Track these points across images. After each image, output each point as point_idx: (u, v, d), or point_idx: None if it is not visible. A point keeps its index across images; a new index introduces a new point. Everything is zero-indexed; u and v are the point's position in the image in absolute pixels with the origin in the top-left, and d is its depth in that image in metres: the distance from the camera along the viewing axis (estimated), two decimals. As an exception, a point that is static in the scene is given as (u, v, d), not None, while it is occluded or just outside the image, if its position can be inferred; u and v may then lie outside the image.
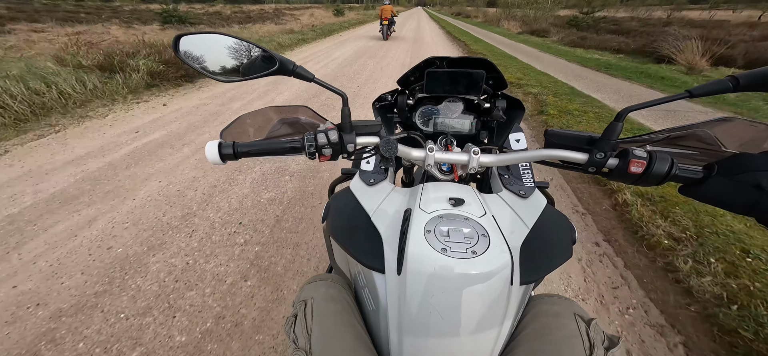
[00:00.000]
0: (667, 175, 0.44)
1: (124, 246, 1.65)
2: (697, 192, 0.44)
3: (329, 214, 0.59)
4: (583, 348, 0.41)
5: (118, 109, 3.66)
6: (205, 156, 0.54)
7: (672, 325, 1.29)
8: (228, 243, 1.68)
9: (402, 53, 8.07)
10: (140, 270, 1.51)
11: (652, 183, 0.45)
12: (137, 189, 2.14)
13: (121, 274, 1.48)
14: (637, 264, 1.58)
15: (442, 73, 0.66)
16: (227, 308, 1.33)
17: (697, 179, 0.43)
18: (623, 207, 1.93)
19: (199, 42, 0.51)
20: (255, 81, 2.11)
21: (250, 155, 0.53)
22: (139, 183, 2.21)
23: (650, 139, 0.51)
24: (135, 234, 1.73)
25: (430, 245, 0.43)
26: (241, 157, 0.53)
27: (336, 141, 0.52)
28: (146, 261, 1.55)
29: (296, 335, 0.46)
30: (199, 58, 0.51)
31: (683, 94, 0.40)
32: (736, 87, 0.39)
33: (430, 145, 0.59)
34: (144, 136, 2.96)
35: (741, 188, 0.39)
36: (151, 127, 3.16)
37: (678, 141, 0.50)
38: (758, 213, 0.39)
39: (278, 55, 0.50)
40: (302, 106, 0.62)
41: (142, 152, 2.64)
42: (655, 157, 0.44)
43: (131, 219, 1.85)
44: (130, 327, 1.26)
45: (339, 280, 0.55)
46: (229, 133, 0.57)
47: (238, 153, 0.52)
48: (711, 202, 0.43)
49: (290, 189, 2.14)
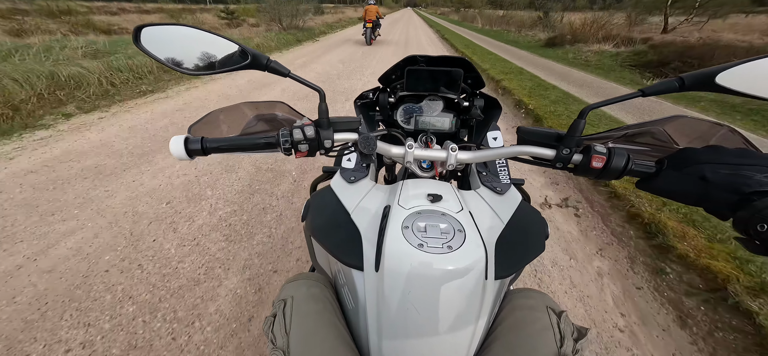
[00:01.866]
0: (624, 170, 0.47)
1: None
2: (652, 185, 0.47)
3: (309, 213, 0.59)
4: (554, 341, 0.43)
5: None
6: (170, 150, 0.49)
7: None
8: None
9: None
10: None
11: (611, 178, 0.48)
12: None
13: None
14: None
15: (422, 71, 0.68)
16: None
17: (651, 173, 0.46)
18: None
19: (162, 34, 0.49)
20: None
21: (221, 151, 0.52)
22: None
23: (610, 136, 0.55)
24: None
25: (408, 241, 0.43)
26: (210, 153, 0.52)
27: (312, 137, 0.51)
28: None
29: (274, 335, 0.45)
30: (163, 51, 0.49)
31: (637, 93, 0.44)
32: (682, 86, 0.42)
33: (410, 142, 0.60)
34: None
35: (689, 180, 0.42)
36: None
37: (635, 138, 0.54)
38: (705, 203, 0.42)
39: (250, 48, 0.49)
40: (279, 102, 0.61)
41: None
42: (613, 153, 0.47)
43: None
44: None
45: (321, 279, 0.55)
46: (198, 128, 0.55)
47: (206, 148, 0.51)
48: (664, 195, 0.46)
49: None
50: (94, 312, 1.26)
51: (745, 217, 0.37)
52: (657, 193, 0.47)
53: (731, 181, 0.39)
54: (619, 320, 1.31)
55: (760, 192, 0.37)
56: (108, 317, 1.24)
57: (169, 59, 0.49)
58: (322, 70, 5.94)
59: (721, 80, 0.41)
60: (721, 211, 0.41)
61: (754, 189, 0.37)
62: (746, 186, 0.38)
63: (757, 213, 0.36)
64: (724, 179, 0.39)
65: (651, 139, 0.53)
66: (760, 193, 0.37)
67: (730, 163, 0.40)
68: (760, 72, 0.40)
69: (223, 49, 0.50)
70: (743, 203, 0.38)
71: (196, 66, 0.50)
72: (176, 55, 0.49)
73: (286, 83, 4.50)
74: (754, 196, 0.37)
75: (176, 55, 0.49)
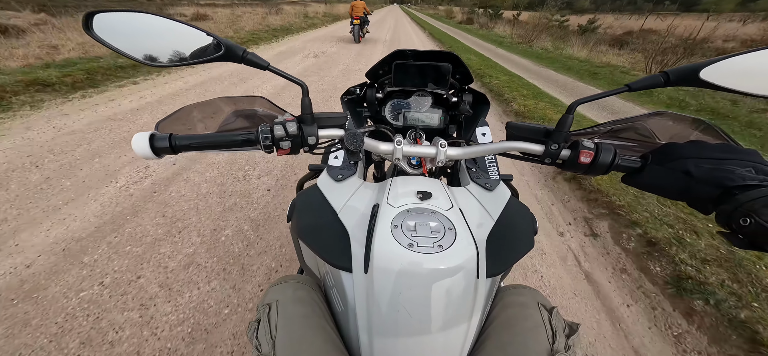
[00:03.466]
0: (611, 165, 0.47)
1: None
2: (637, 180, 0.47)
3: (294, 213, 0.57)
4: (546, 337, 0.43)
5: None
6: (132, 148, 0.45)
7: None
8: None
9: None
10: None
11: (599, 173, 0.49)
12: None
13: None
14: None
15: (409, 65, 0.67)
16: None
17: (636, 168, 0.47)
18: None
19: (119, 21, 0.44)
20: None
21: (193, 149, 0.49)
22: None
23: (596, 131, 0.55)
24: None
25: (397, 241, 0.42)
26: (181, 151, 0.48)
27: (295, 133, 0.49)
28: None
29: (259, 341, 0.43)
30: (123, 40, 0.44)
31: (623, 88, 0.44)
32: (667, 82, 0.43)
33: (399, 139, 0.58)
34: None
35: (672, 175, 0.43)
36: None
37: (619, 133, 0.54)
38: (689, 198, 0.43)
39: (224, 39, 0.46)
40: (259, 97, 0.58)
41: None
42: (600, 148, 0.47)
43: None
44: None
45: (308, 281, 0.53)
46: (167, 125, 0.52)
47: (176, 146, 0.48)
48: (649, 190, 0.47)
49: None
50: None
51: (727, 211, 0.38)
52: (642, 188, 0.47)
53: (714, 176, 0.39)
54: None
55: (742, 186, 0.38)
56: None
57: (131, 49, 0.45)
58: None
59: (705, 75, 0.41)
60: (703, 205, 0.42)
61: (736, 184, 0.38)
62: (729, 181, 0.38)
63: (740, 207, 0.36)
64: (706, 174, 0.40)
65: (635, 135, 0.53)
66: (742, 187, 0.38)
67: (713, 158, 0.41)
68: (742, 67, 0.41)
69: (194, 39, 0.46)
70: (725, 197, 0.39)
71: (163, 57, 0.46)
72: (139, 45, 0.45)
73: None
74: (736, 190, 0.38)
75: (139, 46, 0.45)
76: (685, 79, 0.43)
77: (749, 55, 0.41)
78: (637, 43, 10.17)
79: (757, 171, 0.38)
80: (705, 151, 0.42)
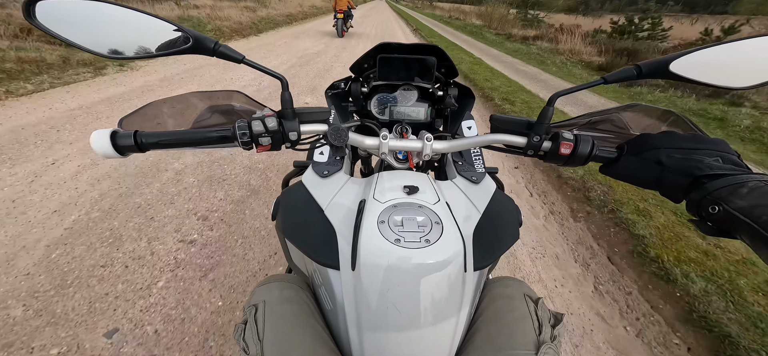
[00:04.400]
0: (589, 156, 0.49)
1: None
2: (613, 170, 0.49)
3: (279, 211, 0.56)
4: (533, 328, 0.44)
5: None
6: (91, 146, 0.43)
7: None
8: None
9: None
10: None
11: (578, 164, 0.50)
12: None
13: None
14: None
15: (394, 59, 0.66)
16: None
17: (613, 158, 0.48)
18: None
19: (67, 9, 0.39)
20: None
21: (163, 146, 0.46)
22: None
23: (575, 123, 0.57)
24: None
25: (384, 236, 0.42)
26: (148, 149, 0.46)
27: (275, 129, 0.48)
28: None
29: (246, 343, 0.42)
30: (73, 31, 0.39)
31: (599, 80, 0.45)
32: (640, 74, 0.44)
33: (384, 133, 0.58)
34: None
35: (646, 165, 0.44)
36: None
37: (597, 125, 0.56)
38: (661, 187, 0.44)
39: (193, 31, 0.43)
40: (236, 92, 0.56)
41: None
42: (579, 140, 0.48)
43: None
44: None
45: (296, 280, 0.52)
46: (132, 121, 0.49)
47: (143, 144, 0.45)
48: (625, 179, 0.48)
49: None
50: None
51: (696, 199, 0.39)
52: (618, 178, 0.49)
53: (684, 165, 0.41)
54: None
55: (710, 175, 0.39)
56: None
57: (86, 40, 0.40)
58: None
59: (675, 68, 0.43)
60: (674, 194, 0.43)
61: (704, 173, 0.40)
62: (697, 170, 0.40)
63: (708, 195, 0.38)
64: (677, 163, 0.42)
65: (612, 126, 0.55)
66: (710, 176, 0.39)
67: (683, 148, 0.42)
68: (709, 60, 0.43)
69: (160, 31, 0.43)
70: (695, 186, 0.40)
71: (127, 50, 0.42)
72: (96, 36, 0.40)
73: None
74: (704, 179, 0.39)
75: (96, 36, 0.40)
76: (656, 71, 0.44)
77: (715, 49, 0.43)
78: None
79: (724, 160, 0.40)
80: (676, 142, 0.43)
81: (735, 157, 0.41)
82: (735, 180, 0.37)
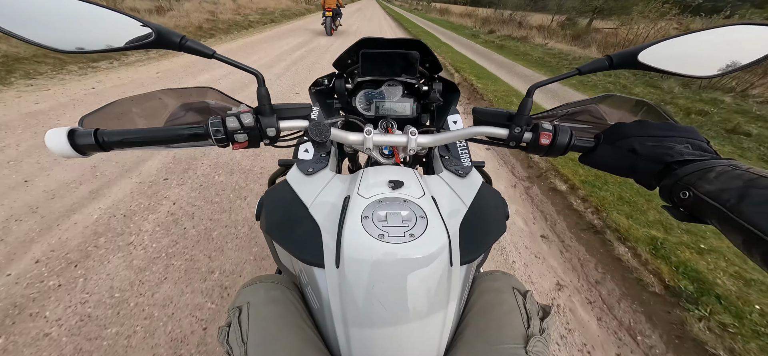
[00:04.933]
0: (568, 146, 0.50)
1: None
2: (591, 160, 0.50)
3: (263, 210, 0.55)
4: (521, 321, 0.44)
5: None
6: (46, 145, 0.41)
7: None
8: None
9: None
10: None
11: (558, 154, 0.51)
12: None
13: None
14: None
15: (376, 54, 0.66)
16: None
17: (590, 148, 0.50)
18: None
19: (18, 4, 0.36)
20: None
21: (128, 145, 0.44)
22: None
23: (554, 115, 0.58)
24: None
25: (368, 232, 0.42)
26: (112, 148, 0.44)
27: (251, 125, 0.47)
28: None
29: (230, 346, 0.42)
30: (24, 26, 0.36)
31: (574, 71, 0.46)
32: (611, 65, 0.46)
33: (368, 128, 0.58)
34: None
35: (621, 153, 0.46)
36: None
37: (575, 116, 0.57)
38: (635, 174, 0.45)
39: (156, 24, 0.41)
40: (210, 89, 0.55)
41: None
42: (558, 130, 0.49)
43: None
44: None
45: (282, 280, 0.52)
46: (95, 120, 0.46)
47: (105, 142, 0.43)
48: (602, 168, 0.49)
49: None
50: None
51: (668, 185, 0.41)
52: (596, 167, 0.50)
53: (656, 153, 0.42)
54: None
55: (680, 161, 0.41)
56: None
57: (43, 37, 0.37)
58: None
59: (643, 58, 0.45)
60: (648, 181, 0.45)
61: (675, 159, 0.41)
62: (668, 157, 0.41)
63: (679, 181, 0.39)
64: (649, 151, 0.43)
65: (589, 117, 0.57)
66: (680, 162, 0.41)
67: (655, 136, 0.44)
68: (676, 50, 0.44)
69: (123, 25, 0.41)
70: (666, 172, 0.42)
71: (87, 45, 0.40)
72: (53, 31, 0.38)
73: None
74: (675, 165, 0.41)
75: (53, 32, 0.38)
76: (626, 61, 0.46)
77: (681, 39, 0.45)
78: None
79: (693, 147, 0.41)
80: (648, 130, 0.45)
81: (704, 143, 0.42)
82: (703, 165, 0.38)
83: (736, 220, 0.32)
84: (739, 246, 0.33)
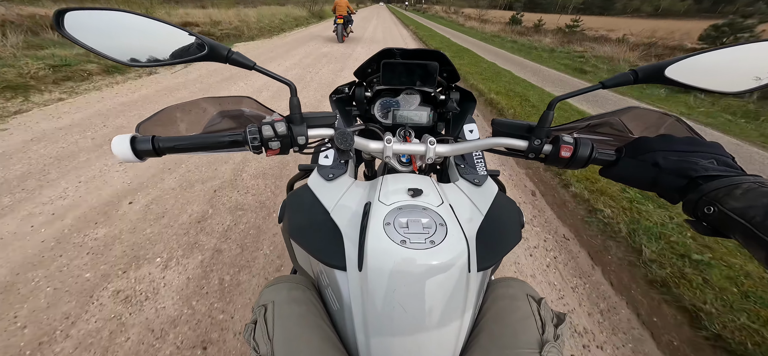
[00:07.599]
0: (589, 159, 0.49)
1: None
2: (612, 173, 0.50)
3: (286, 213, 0.57)
4: (536, 328, 0.44)
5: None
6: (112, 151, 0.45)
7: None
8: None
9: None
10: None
11: (578, 166, 0.51)
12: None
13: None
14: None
15: (397, 64, 0.67)
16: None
17: (612, 161, 0.49)
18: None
19: (93, 20, 0.43)
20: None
21: (178, 151, 0.47)
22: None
23: (575, 127, 0.58)
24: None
25: (390, 238, 0.43)
26: (165, 153, 0.47)
27: (284, 133, 0.49)
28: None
29: (256, 342, 0.43)
30: (97, 39, 0.43)
31: (598, 85, 0.47)
32: (636, 79, 0.46)
33: (389, 137, 0.59)
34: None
35: (644, 167, 0.45)
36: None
37: (596, 128, 0.57)
38: (658, 188, 0.45)
39: (207, 38, 0.45)
40: (246, 98, 0.57)
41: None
42: (579, 143, 0.49)
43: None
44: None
45: (302, 281, 0.53)
46: (148, 127, 0.50)
47: (159, 148, 0.46)
48: (623, 181, 0.49)
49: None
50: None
51: (693, 200, 0.40)
52: (617, 180, 0.49)
53: (680, 167, 0.42)
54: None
55: (705, 176, 0.40)
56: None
57: (107, 48, 0.43)
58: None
59: (670, 73, 0.44)
60: (671, 195, 0.44)
61: (700, 174, 0.41)
62: (693, 171, 0.41)
63: (703, 196, 0.39)
64: (674, 165, 0.43)
65: (610, 129, 0.56)
66: (705, 177, 0.40)
67: (680, 150, 0.43)
68: (703, 65, 0.44)
69: (175, 38, 0.45)
70: (691, 187, 0.41)
71: (143, 57, 0.44)
72: (116, 44, 0.43)
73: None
74: (700, 181, 0.40)
75: (116, 45, 0.43)
76: (652, 76, 0.45)
77: (709, 55, 0.44)
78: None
79: (719, 162, 0.41)
80: (672, 144, 0.44)
81: (730, 159, 0.42)
82: (730, 181, 0.38)
83: (761, 237, 0.32)
84: (762, 260, 0.33)
